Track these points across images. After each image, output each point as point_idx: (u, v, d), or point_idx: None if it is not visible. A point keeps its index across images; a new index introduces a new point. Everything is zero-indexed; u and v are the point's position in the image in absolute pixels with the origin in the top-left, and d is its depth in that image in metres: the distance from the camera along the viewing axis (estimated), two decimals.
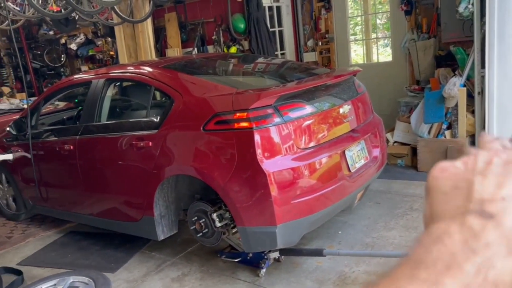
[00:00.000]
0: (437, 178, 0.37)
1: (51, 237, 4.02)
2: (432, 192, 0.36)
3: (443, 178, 0.36)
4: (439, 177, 0.36)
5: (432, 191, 0.36)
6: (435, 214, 0.35)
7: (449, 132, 4.38)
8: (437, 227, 0.34)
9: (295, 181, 2.53)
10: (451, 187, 0.35)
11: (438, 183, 0.36)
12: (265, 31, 5.94)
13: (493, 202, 0.33)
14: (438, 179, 0.36)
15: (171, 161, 2.85)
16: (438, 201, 0.36)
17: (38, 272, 3.34)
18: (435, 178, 0.37)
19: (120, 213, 3.29)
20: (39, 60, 9.32)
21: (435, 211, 0.35)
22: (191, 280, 2.97)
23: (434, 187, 0.36)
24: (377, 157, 3.21)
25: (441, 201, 0.35)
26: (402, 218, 3.47)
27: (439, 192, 0.36)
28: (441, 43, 4.97)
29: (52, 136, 3.81)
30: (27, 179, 4.08)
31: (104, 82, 3.44)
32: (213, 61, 3.89)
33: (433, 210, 0.36)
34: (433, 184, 0.37)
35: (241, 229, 2.61)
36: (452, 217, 0.33)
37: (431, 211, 0.36)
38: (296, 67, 3.85)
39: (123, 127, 3.22)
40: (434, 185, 0.36)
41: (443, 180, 0.36)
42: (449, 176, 0.36)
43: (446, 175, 0.36)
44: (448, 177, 0.36)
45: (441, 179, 0.36)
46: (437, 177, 0.37)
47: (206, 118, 2.65)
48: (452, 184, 0.35)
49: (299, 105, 2.69)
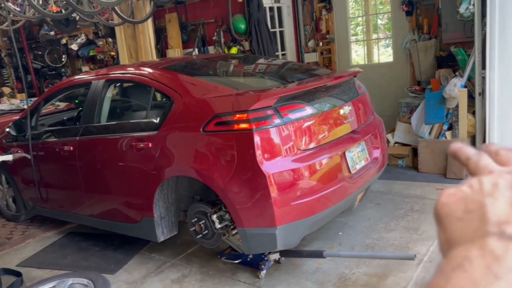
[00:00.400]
0: (447, 204, 0.36)
1: (51, 238, 4.02)
2: (444, 219, 0.36)
3: (453, 203, 0.35)
4: (448, 203, 0.36)
5: (445, 218, 0.36)
6: (453, 240, 0.34)
7: (450, 133, 4.37)
8: (456, 253, 0.33)
9: (295, 183, 2.52)
10: (463, 212, 0.34)
11: (449, 209, 0.36)
12: (266, 32, 5.93)
13: (510, 223, 0.32)
14: (448, 205, 0.36)
15: (171, 162, 2.84)
16: (453, 227, 0.35)
17: (37, 273, 3.34)
18: (445, 205, 0.36)
19: (120, 214, 3.29)
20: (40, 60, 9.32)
21: (452, 237, 0.34)
22: (191, 281, 2.97)
23: (445, 214, 0.36)
24: (377, 158, 3.20)
25: (457, 226, 0.34)
26: (402, 219, 3.46)
27: (452, 218, 0.35)
28: (442, 44, 4.95)
29: (52, 137, 3.81)
30: (27, 180, 4.08)
31: (104, 83, 3.43)
32: (213, 62, 3.89)
33: (449, 236, 0.35)
34: (443, 211, 0.36)
35: (241, 230, 2.60)
36: (471, 240, 0.32)
37: (447, 238, 0.35)
38: (296, 68, 3.84)
39: (123, 128, 3.21)
40: (446, 212, 0.36)
41: (453, 205, 0.35)
42: (458, 200, 0.35)
43: (455, 200, 0.35)
44: (457, 202, 0.35)
45: (451, 204, 0.36)
46: (446, 203, 0.36)
47: (206, 119, 2.64)
48: (463, 208, 0.35)
49: (299, 106, 2.68)
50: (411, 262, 2.73)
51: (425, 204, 3.68)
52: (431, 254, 2.89)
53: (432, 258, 2.83)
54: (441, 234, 0.36)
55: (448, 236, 0.35)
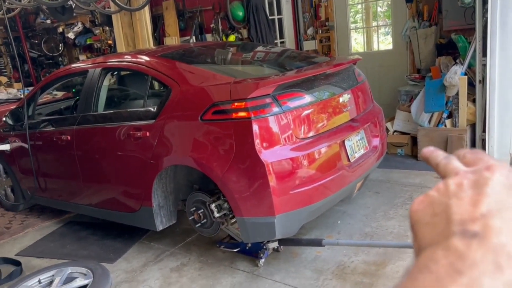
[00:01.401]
0: (416, 211, 0.37)
1: (50, 227, 4.02)
2: (415, 227, 0.37)
3: (421, 210, 0.37)
4: (418, 210, 0.37)
5: (415, 225, 0.37)
6: (422, 246, 0.35)
7: (449, 121, 4.35)
8: (423, 255, 0.34)
9: (293, 171, 2.51)
10: (431, 216, 0.36)
11: (418, 215, 0.37)
12: (264, 19, 5.87)
13: (473, 221, 0.32)
14: (417, 212, 0.37)
15: (169, 152, 2.82)
16: (422, 232, 0.36)
17: (37, 262, 3.34)
18: (415, 212, 0.37)
19: (119, 204, 3.28)
20: (37, 49, 9.25)
21: (422, 243, 0.35)
22: (190, 270, 2.97)
23: (415, 221, 0.37)
24: (376, 146, 3.19)
25: (425, 232, 0.35)
26: (401, 207, 3.46)
27: (420, 224, 0.36)
28: (442, 31, 4.91)
29: (49, 126, 3.78)
30: (25, 170, 4.06)
31: (100, 72, 3.40)
32: (211, 50, 3.85)
33: (420, 243, 0.36)
34: (414, 218, 0.37)
35: (240, 219, 2.59)
36: (436, 243, 0.33)
37: (418, 245, 0.36)
38: (295, 56, 3.80)
39: (121, 117, 3.19)
40: (415, 219, 0.37)
41: (422, 212, 0.37)
42: (426, 206, 0.37)
43: (423, 205, 0.37)
44: (426, 207, 0.37)
45: (420, 210, 0.37)
46: (416, 210, 0.37)
47: (204, 108, 2.62)
48: (431, 212, 0.36)
49: (298, 94, 2.66)
50: (410, 250, 2.73)
51: (424, 193, 3.65)
52: None
53: None
54: (414, 243, 0.37)
55: (419, 242, 0.36)
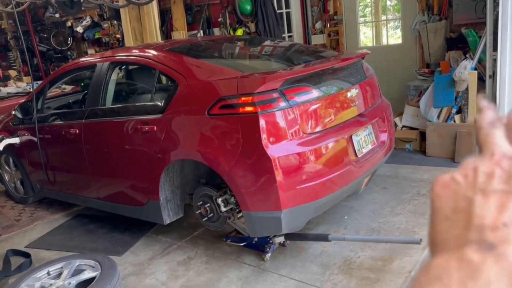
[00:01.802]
0: (439, 197, 0.34)
1: (59, 220, 4.06)
2: (434, 214, 0.34)
3: (444, 198, 0.34)
4: (440, 196, 0.34)
5: (435, 213, 0.34)
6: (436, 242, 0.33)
7: (458, 116, 4.30)
8: (435, 263, 0.31)
9: (300, 166, 2.50)
10: (452, 210, 0.33)
11: (440, 203, 0.34)
12: (272, 13, 5.84)
13: (494, 230, 0.30)
14: (440, 199, 0.34)
15: (176, 146, 2.83)
16: (439, 227, 0.33)
17: (45, 254, 3.38)
18: (438, 197, 0.34)
19: (126, 197, 3.30)
20: (46, 43, 9.30)
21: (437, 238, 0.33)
22: (197, 263, 2.99)
23: (436, 209, 0.34)
24: (384, 142, 3.16)
25: (442, 227, 0.33)
26: (409, 203, 3.44)
27: (440, 216, 0.33)
28: (452, 25, 4.85)
29: (58, 120, 3.81)
30: (34, 163, 4.10)
31: (108, 66, 3.41)
32: (218, 44, 3.84)
33: (435, 236, 0.33)
34: (435, 204, 0.34)
35: (246, 214, 2.60)
36: (451, 249, 0.31)
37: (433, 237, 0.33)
38: (303, 50, 3.77)
39: (128, 111, 3.20)
40: (437, 207, 0.34)
41: (444, 201, 0.33)
42: (450, 194, 0.33)
43: (447, 193, 0.34)
44: (449, 196, 0.33)
45: (442, 198, 0.34)
46: (439, 196, 0.34)
47: (211, 102, 2.61)
48: (453, 205, 0.33)
49: (305, 89, 2.64)
50: (417, 246, 2.72)
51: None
52: None
53: None
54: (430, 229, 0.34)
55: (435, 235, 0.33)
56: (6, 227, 4.00)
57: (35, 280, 2.61)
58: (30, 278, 2.61)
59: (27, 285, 2.57)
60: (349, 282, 2.56)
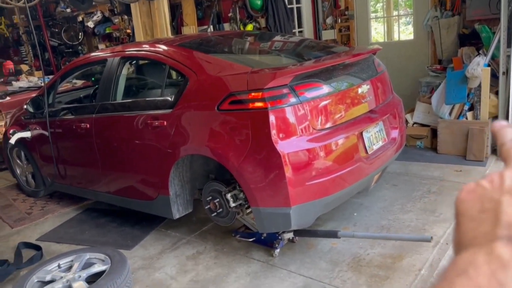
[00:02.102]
0: (464, 201, 0.34)
1: (69, 214, 4.10)
2: (459, 217, 0.34)
3: (470, 201, 0.34)
4: (466, 200, 0.34)
5: (460, 216, 0.34)
6: (463, 242, 0.33)
7: (471, 113, 4.25)
8: (462, 257, 0.31)
9: (310, 163, 2.49)
10: (478, 211, 0.33)
11: (465, 206, 0.34)
12: (283, 8, 5.81)
13: None
14: (465, 203, 0.34)
15: (185, 141, 2.83)
16: (465, 227, 0.33)
17: (56, 247, 3.42)
18: (462, 202, 0.34)
19: (136, 192, 3.32)
20: (57, 38, 9.37)
21: (463, 238, 0.33)
22: (206, 258, 3.00)
23: (461, 212, 0.34)
24: (395, 138, 3.14)
25: (468, 227, 0.33)
26: (419, 201, 3.41)
27: (466, 218, 0.34)
28: (465, 21, 4.77)
29: (69, 114, 3.84)
30: (45, 157, 4.14)
31: (119, 60, 3.42)
32: (228, 39, 3.82)
33: (461, 237, 0.33)
34: (460, 208, 0.34)
35: (255, 209, 2.59)
36: (479, 245, 0.31)
37: (459, 238, 0.34)
38: (313, 46, 3.75)
39: (138, 106, 3.21)
40: (461, 210, 0.34)
41: (470, 203, 0.34)
42: (475, 198, 0.34)
43: (472, 197, 0.34)
44: (475, 200, 0.34)
45: (468, 202, 0.34)
46: (464, 201, 0.34)
47: (221, 97, 2.61)
48: (479, 207, 0.33)
49: (315, 85, 2.62)
50: (427, 244, 2.70)
51: (443, 186, 3.61)
52: (448, 236, 2.84)
53: (448, 241, 2.79)
54: (455, 233, 0.35)
55: (461, 236, 0.34)
56: (17, 220, 4.05)
57: (46, 272, 2.64)
58: (41, 270, 2.65)
59: (38, 277, 2.60)
60: (358, 279, 2.55)
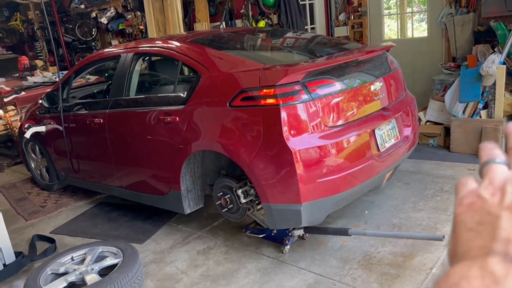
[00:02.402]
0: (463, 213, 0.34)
1: (82, 207, 4.15)
2: (456, 227, 0.34)
3: (469, 213, 0.34)
4: (465, 212, 0.34)
5: (457, 226, 0.34)
6: (458, 253, 0.32)
7: (485, 112, 4.20)
8: (456, 269, 0.31)
9: (321, 160, 2.48)
10: (476, 223, 0.33)
11: (464, 218, 0.34)
12: (295, 5, 5.79)
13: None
14: (464, 214, 0.34)
15: (197, 137, 2.85)
16: (461, 238, 0.33)
17: (69, 240, 3.47)
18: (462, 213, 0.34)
19: (148, 187, 3.35)
20: (71, 34, 9.47)
21: (458, 249, 0.33)
22: (216, 253, 3.02)
23: (459, 222, 0.34)
24: (408, 136, 3.11)
25: (465, 238, 0.33)
26: (431, 199, 3.39)
27: (463, 228, 0.33)
28: (480, 18, 4.71)
29: (83, 109, 3.88)
30: (59, 151, 4.20)
31: (132, 56, 3.45)
32: (241, 36, 3.83)
33: (456, 247, 0.33)
34: (459, 219, 0.34)
35: (266, 206, 2.60)
36: (474, 258, 0.31)
37: (454, 248, 0.33)
38: (326, 42, 3.73)
39: (151, 101, 3.23)
40: (460, 220, 0.34)
41: (469, 214, 0.34)
42: (476, 210, 0.33)
43: (472, 209, 0.34)
44: (474, 211, 0.33)
45: (467, 213, 0.34)
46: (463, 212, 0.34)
47: (233, 94, 2.62)
48: (477, 219, 0.33)
49: (328, 81, 2.62)
50: (439, 243, 2.68)
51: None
52: None
53: None
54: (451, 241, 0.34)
55: (456, 246, 0.33)
56: (32, 213, 4.12)
57: (60, 265, 2.69)
58: (54, 263, 2.69)
59: (52, 269, 2.65)
60: (368, 277, 2.55)
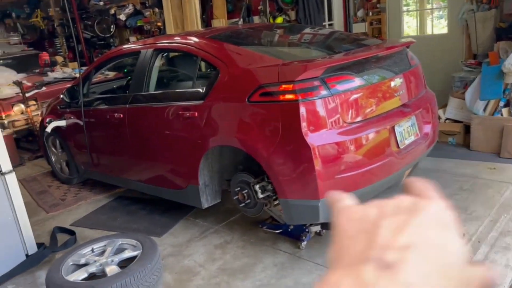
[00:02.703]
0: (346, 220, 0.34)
1: (102, 201, 4.22)
2: (337, 234, 0.34)
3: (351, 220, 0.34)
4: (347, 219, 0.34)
5: (338, 235, 0.34)
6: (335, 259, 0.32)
7: (506, 110, 4.12)
8: (331, 278, 0.30)
9: (340, 156, 2.48)
10: (358, 231, 0.32)
11: (345, 228, 0.34)
12: (313, 1, 5.76)
13: (393, 250, 0.29)
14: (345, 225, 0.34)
15: (215, 132, 2.87)
16: (340, 244, 0.33)
17: (89, 233, 3.53)
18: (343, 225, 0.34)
19: (167, 181, 3.39)
20: (90, 30, 9.59)
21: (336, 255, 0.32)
22: (233, 248, 3.04)
23: (340, 232, 0.34)
24: (428, 133, 3.08)
25: (344, 245, 0.32)
26: (451, 198, 3.34)
27: (343, 235, 0.33)
28: (502, 15, 4.62)
29: (102, 104, 3.94)
30: (79, 145, 4.27)
31: (152, 52, 3.48)
32: (258, 32, 3.83)
33: (335, 254, 0.33)
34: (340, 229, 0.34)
35: (283, 201, 2.61)
36: (349, 265, 0.30)
37: (332, 255, 0.33)
38: (344, 38, 3.71)
39: (170, 97, 3.27)
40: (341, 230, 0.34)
41: (351, 222, 0.33)
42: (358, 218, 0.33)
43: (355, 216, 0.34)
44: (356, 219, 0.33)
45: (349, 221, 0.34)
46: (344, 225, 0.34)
47: (251, 89, 2.62)
48: (358, 227, 0.33)
49: (347, 77, 2.61)
50: None
51: (475, 184, 3.53)
52: (480, 234, 2.78)
53: (481, 238, 2.74)
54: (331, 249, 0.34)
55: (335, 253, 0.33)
56: (52, 206, 4.21)
57: (80, 256, 2.74)
58: (75, 254, 2.75)
59: (73, 260, 2.70)
60: None
